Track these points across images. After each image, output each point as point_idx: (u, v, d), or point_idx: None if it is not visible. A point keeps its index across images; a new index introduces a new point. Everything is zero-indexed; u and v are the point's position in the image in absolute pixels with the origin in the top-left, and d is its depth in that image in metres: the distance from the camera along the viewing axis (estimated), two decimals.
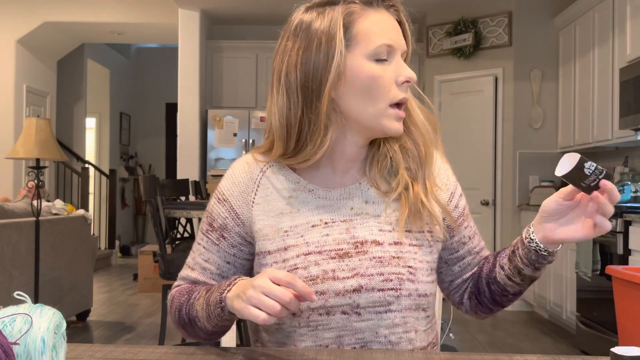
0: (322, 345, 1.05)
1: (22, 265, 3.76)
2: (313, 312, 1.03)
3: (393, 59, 1.05)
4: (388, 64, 1.04)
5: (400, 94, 1.04)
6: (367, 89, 1.03)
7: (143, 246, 7.97)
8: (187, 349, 0.99)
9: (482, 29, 5.67)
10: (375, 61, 1.03)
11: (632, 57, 3.99)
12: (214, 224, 1.13)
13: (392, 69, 1.04)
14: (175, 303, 1.12)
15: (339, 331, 1.04)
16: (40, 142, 3.64)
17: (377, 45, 1.03)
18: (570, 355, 1.09)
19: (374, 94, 1.03)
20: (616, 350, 0.77)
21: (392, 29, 1.05)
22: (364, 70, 1.02)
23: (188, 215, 3.13)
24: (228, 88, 6.46)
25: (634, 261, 3.39)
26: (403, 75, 1.04)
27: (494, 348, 4.08)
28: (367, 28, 1.03)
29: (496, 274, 1.12)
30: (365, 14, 1.04)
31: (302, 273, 1.04)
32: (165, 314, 3.21)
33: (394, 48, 1.04)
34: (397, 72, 1.04)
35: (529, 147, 5.48)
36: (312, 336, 1.05)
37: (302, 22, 1.07)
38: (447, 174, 1.16)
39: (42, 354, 0.71)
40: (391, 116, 1.04)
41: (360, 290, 1.03)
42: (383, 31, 1.04)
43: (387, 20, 1.06)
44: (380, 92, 1.03)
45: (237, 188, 1.12)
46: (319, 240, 1.06)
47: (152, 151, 9.86)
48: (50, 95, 7.41)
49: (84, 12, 6.62)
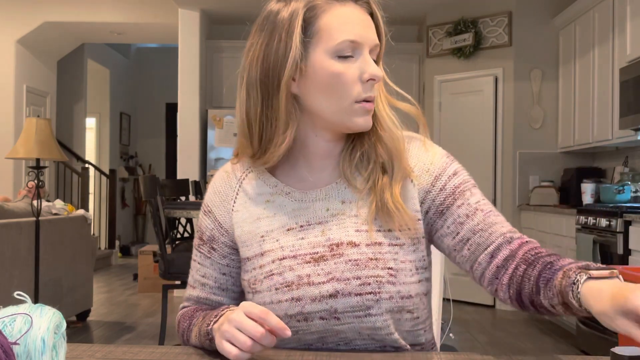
0: (306, 345, 1.04)
1: (22, 265, 3.76)
2: (291, 319, 1.01)
3: (360, 55, 1.00)
4: (354, 60, 1.00)
5: (364, 92, 1.00)
6: (330, 86, 0.99)
7: (143, 246, 7.97)
8: (187, 349, 0.99)
9: (482, 29, 5.67)
10: (338, 58, 0.99)
11: (632, 57, 3.99)
12: (203, 237, 1.13)
13: (357, 65, 1.00)
14: (180, 329, 1.12)
15: (321, 334, 1.02)
16: (40, 142, 3.64)
17: (339, 42, 0.98)
18: (570, 355, 1.09)
19: (337, 92, 0.99)
20: (616, 350, 0.77)
21: (359, 23, 1.00)
22: (326, 67, 0.99)
23: (188, 215, 3.13)
24: (228, 88, 6.45)
25: (634, 261, 3.39)
26: (367, 72, 0.99)
27: (494, 348, 4.08)
28: (329, 23, 0.99)
29: (541, 301, 0.96)
30: (329, 8, 1.00)
31: (278, 279, 1.02)
32: (165, 314, 3.21)
33: (359, 44, 0.99)
34: (362, 70, 1.00)
35: (529, 147, 5.48)
36: (295, 340, 1.04)
37: (269, 13, 1.05)
38: (431, 159, 1.07)
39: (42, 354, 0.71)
40: (357, 112, 1.00)
41: (337, 296, 0.99)
42: (347, 26, 0.99)
43: (354, 13, 1.01)
44: (343, 90, 0.99)
45: (218, 198, 1.12)
46: (294, 244, 1.03)
47: (152, 151, 9.86)
48: (50, 95, 7.41)
49: (84, 12, 6.62)
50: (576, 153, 5.32)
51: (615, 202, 4.16)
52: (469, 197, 1.05)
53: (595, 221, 3.84)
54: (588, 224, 3.95)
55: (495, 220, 1.04)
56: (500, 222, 1.05)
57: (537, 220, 5.07)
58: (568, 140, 5.18)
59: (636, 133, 3.97)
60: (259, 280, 1.04)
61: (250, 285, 1.06)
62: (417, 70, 6.38)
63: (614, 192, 4.23)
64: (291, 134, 1.01)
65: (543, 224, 4.93)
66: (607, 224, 3.66)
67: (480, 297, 5.47)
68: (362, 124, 1.01)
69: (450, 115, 5.88)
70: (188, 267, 1.18)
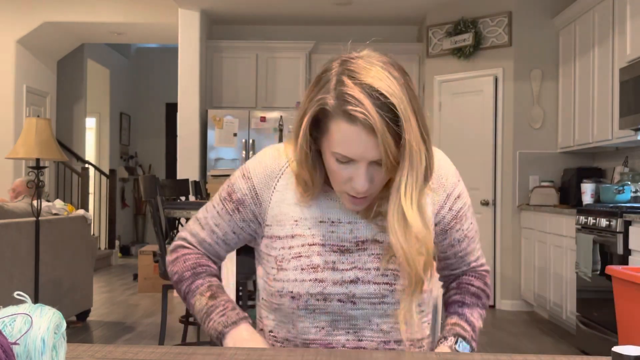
0: (318, 327, 1.13)
1: (22, 265, 3.76)
2: (311, 297, 1.11)
3: (357, 165, 1.02)
4: (351, 164, 1.03)
5: (349, 191, 1.06)
6: (331, 176, 1.08)
7: (143, 246, 7.97)
8: (187, 349, 0.99)
9: (482, 29, 5.67)
10: (337, 161, 1.04)
11: (632, 57, 3.99)
12: (233, 195, 1.20)
13: (349, 172, 1.03)
14: (178, 267, 1.23)
15: (335, 316, 1.12)
16: (40, 142, 3.63)
17: (335, 152, 1.03)
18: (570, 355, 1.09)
19: (333, 180, 1.08)
20: (618, 349, 0.77)
21: (356, 143, 1.00)
22: (326, 158, 1.06)
23: (188, 215, 3.13)
24: (228, 88, 6.45)
25: (634, 261, 3.39)
26: (351, 187, 1.04)
27: (494, 348, 4.08)
28: (333, 132, 1.02)
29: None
30: (337, 119, 1.01)
31: (305, 261, 1.12)
32: (165, 314, 3.21)
33: (351, 159, 1.02)
34: (351, 179, 1.04)
35: (529, 147, 5.48)
36: (310, 318, 1.13)
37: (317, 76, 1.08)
38: (446, 175, 1.17)
39: (42, 354, 0.71)
40: (345, 198, 1.09)
41: (357, 282, 1.11)
42: (343, 143, 1.01)
43: (354, 135, 0.99)
44: (336, 181, 1.07)
45: (263, 170, 1.18)
46: (324, 235, 1.13)
47: (152, 151, 9.86)
48: (50, 95, 7.41)
49: (84, 12, 6.62)
50: (576, 153, 5.32)
51: (615, 202, 4.16)
52: (464, 223, 1.20)
53: (595, 221, 3.84)
54: (588, 224, 3.95)
55: (471, 249, 1.24)
56: (473, 250, 1.25)
57: (537, 220, 5.07)
58: (568, 140, 5.18)
59: (636, 133, 3.97)
60: (286, 259, 1.13)
61: (277, 262, 1.15)
62: (417, 70, 6.38)
63: (614, 192, 4.23)
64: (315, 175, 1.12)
65: (543, 224, 4.93)
66: (607, 224, 3.66)
67: None
68: (349, 207, 1.10)
69: (450, 115, 5.88)
70: None
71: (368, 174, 1.03)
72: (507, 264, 5.47)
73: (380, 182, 1.06)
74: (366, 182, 1.03)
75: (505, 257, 5.48)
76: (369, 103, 0.97)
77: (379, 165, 1.03)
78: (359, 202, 1.08)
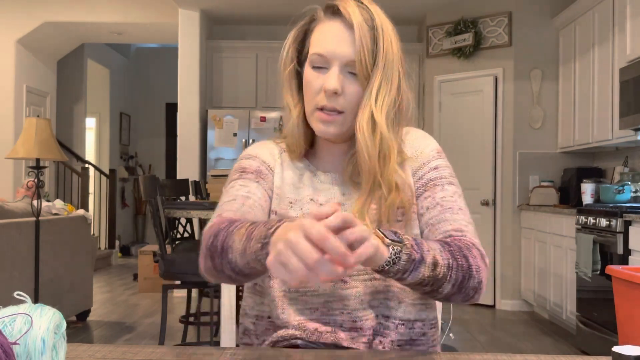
0: (311, 309, 1.10)
1: (22, 265, 3.76)
2: None
3: (331, 67, 1.09)
4: (325, 71, 1.09)
5: (321, 101, 1.09)
6: (305, 91, 1.13)
7: (143, 246, 7.97)
8: (187, 349, 0.99)
9: (482, 29, 5.67)
10: (313, 68, 1.11)
11: (632, 57, 3.99)
12: (247, 170, 1.18)
13: (322, 79, 1.09)
14: (213, 230, 1.04)
15: (327, 297, 1.10)
16: (40, 142, 3.63)
17: (311, 54, 1.11)
18: (570, 355, 1.09)
19: (307, 97, 1.12)
20: (618, 349, 0.77)
21: (332, 38, 1.09)
22: (306, 75, 1.12)
23: (188, 215, 3.13)
24: (228, 88, 6.45)
25: (634, 261, 3.39)
26: (322, 98, 1.09)
27: (494, 348, 4.08)
28: (313, 37, 1.12)
29: None
30: (320, 22, 1.13)
31: None
32: (165, 314, 3.20)
33: (325, 57, 1.09)
34: (322, 88, 1.09)
35: (529, 147, 5.48)
36: (302, 301, 1.11)
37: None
38: (422, 149, 1.18)
39: (42, 354, 0.71)
40: (316, 119, 1.11)
41: None
42: (321, 41, 1.10)
43: (331, 29, 1.10)
44: (310, 95, 1.11)
45: (265, 151, 1.22)
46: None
47: (152, 151, 9.86)
48: (50, 95, 7.40)
49: (84, 12, 6.62)
50: (576, 153, 5.32)
51: (615, 202, 4.16)
52: (437, 192, 1.14)
53: (595, 221, 3.84)
54: (588, 224, 3.95)
55: (448, 217, 1.12)
56: (451, 219, 1.11)
57: (537, 220, 5.07)
58: (568, 140, 5.18)
59: (636, 133, 3.97)
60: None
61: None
62: (417, 70, 6.38)
63: (613, 192, 4.23)
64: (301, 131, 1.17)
65: (543, 224, 4.93)
66: (607, 224, 3.66)
67: (480, 297, 5.46)
68: (319, 129, 1.12)
69: (450, 115, 5.88)
70: (188, 267, 1.19)
71: (340, 76, 1.07)
72: (507, 264, 5.47)
73: (351, 95, 1.09)
74: (337, 81, 1.07)
75: (505, 257, 5.48)
76: (353, 4, 1.09)
77: (352, 76, 1.08)
78: (329, 117, 1.09)
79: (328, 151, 1.19)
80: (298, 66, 1.16)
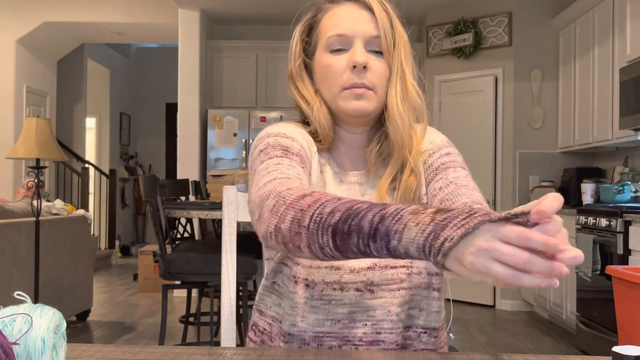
0: (333, 320, 1.06)
1: (22, 265, 3.76)
2: (327, 286, 1.05)
3: (351, 47, 1.08)
4: (345, 52, 1.08)
5: (350, 79, 1.07)
6: (324, 77, 1.10)
7: (143, 246, 7.97)
8: (187, 349, 0.99)
9: (482, 29, 5.67)
10: (330, 52, 1.09)
11: (632, 57, 3.99)
12: (291, 149, 1.05)
13: (346, 56, 1.08)
14: (307, 202, 0.84)
15: (352, 307, 1.06)
16: (40, 142, 3.63)
17: (327, 38, 1.09)
18: (570, 355, 1.09)
19: (329, 81, 1.09)
20: (618, 349, 0.77)
21: (349, 18, 1.09)
22: (321, 61, 1.11)
23: (188, 215, 3.13)
24: (228, 88, 6.45)
25: (634, 261, 3.39)
26: (351, 60, 1.07)
27: (494, 348, 4.08)
28: (324, 24, 1.11)
29: None
30: (327, 11, 1.12)
31: None
32: (165, 314, 3.20)
33: (346, 36, 1.08)
34: (349, 59, 1.07)
35: (529, 147, 5.48)
36: (325, 310, 1.06)
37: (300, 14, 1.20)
38: (432, 138, 1.18)
39: (42, 354, 0.71)
40: (346, 97, 1.08)
41: (375, 268, 1.05)
42: (335, 23, 1.09)
43: (346, 11, 1.10)
44: (333, 79, 1.08)
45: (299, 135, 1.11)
46: None
47: (152, 151, 9.86)
48: (50, 95, 7.41)
49: (84, 12, 6.62)
50: (576, 153, 5.32)
51: (615, 202, 4.16)
52: (449, 173, 1.12)
53: (595, 221, 3.84)
54: (588, 224, 3.95)
55: (464, 192, 1.07)
56: (467, 194, 1.07)
57: None
58: (568, 140, 5.18)
59: (636, 133, 3.97)
60: None
61: None
62: (417, 70, 6.36)
63: (614, 192, 4.23)
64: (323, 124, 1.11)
65: None
66: (607, 224, 3.66)
67: (480, 297, 5.46)
68: (351, 107, 1.07)
69: (450, 115, 5.88)
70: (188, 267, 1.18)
71: (365, 50, 1.07)
72: None
73: (378, 72, 1.07)
74: (364, 53, 1.06)
75: None
76: None
77: (375, 54, 1.08)
78: (360, 91, 1.06)
79: (347, 145, 1.15)
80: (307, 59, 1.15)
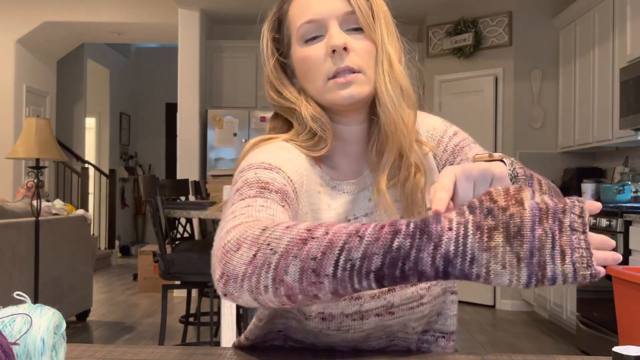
0: (348, 341, 1.00)
1: (22, 265, 3.76)
2: (346, 318, 0.96)
3: (326, 31, 0.98)
4: (322, 39, 0.98)
5: (332, 66, 0.96)
6: (305, 72, 1.00)
7: (143, 246, 7.96)
8: (187, 349, 0.99)
9: (482, 29, 5.67)
10: (305, 43, 0.99)
11: (632, 57, 3.99)
12: (269, 186, 0.88)
13: (324, 42, 0.98)
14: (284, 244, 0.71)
15: (370, 331, 0.99)
16: (40, 142, 3.63)
17: (297, 28, 0.99)
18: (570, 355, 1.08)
19: (311, 75, 0.99)
20: (618, 349, 0.77)
21: (316, 3, 0.98)
22: (298, 56, 1.01)
23: (188, 215, 3.13)
24: (228, 88, 6.45)
25: (634, 261, 3.39)
26: (328, 45, 0.96)
27: (494, 348, 4.08)
28: (291, 14, 1.02)
29: None
30: (291, 2, 1.03)
31: None
32: (165, 314, 3.20)
33: (317, 21, 0.98)
34: (326, 44, 0.97)
35: (529, 147, 5.48)
36: (342, 338, 0.98)
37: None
38: (432, 124, 1.10)
39: (42, 354, 0.71)
40: (332, 88, 0.97)
41: (395, 289, 0.97)
42: (303, 10, 0.99)
43: None
44: (314, 71, 0.98)
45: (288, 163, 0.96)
46: None
47: (152, 151, 9.86)
48: (50, 95, 7.41)
49: (84, 12, 6.62)
50: (576, 153, 5.32)
51: (615, 202, 4.16)
52: (467, 152, 1.07)
53: (595, 221, 3.84)
54: None
55: None
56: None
57: None
58: (568, 140, 5.18)
59: (636, 133, 3.97)
60: None
61: None
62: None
63: (614, 192, 4.23)
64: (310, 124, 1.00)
65: None
66: (607, 224, 3.66)
67: (480, 297, 5.46)
68: (340, 96, 0.97)
69: (450, 115, 5.86)
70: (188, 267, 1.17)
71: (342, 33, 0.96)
72: None
73: (363, 50, 0.97)
74: (340, 34, 0.96)
75: None
76: None
77: (355, 32, 0.98)
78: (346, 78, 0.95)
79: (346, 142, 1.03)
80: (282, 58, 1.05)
